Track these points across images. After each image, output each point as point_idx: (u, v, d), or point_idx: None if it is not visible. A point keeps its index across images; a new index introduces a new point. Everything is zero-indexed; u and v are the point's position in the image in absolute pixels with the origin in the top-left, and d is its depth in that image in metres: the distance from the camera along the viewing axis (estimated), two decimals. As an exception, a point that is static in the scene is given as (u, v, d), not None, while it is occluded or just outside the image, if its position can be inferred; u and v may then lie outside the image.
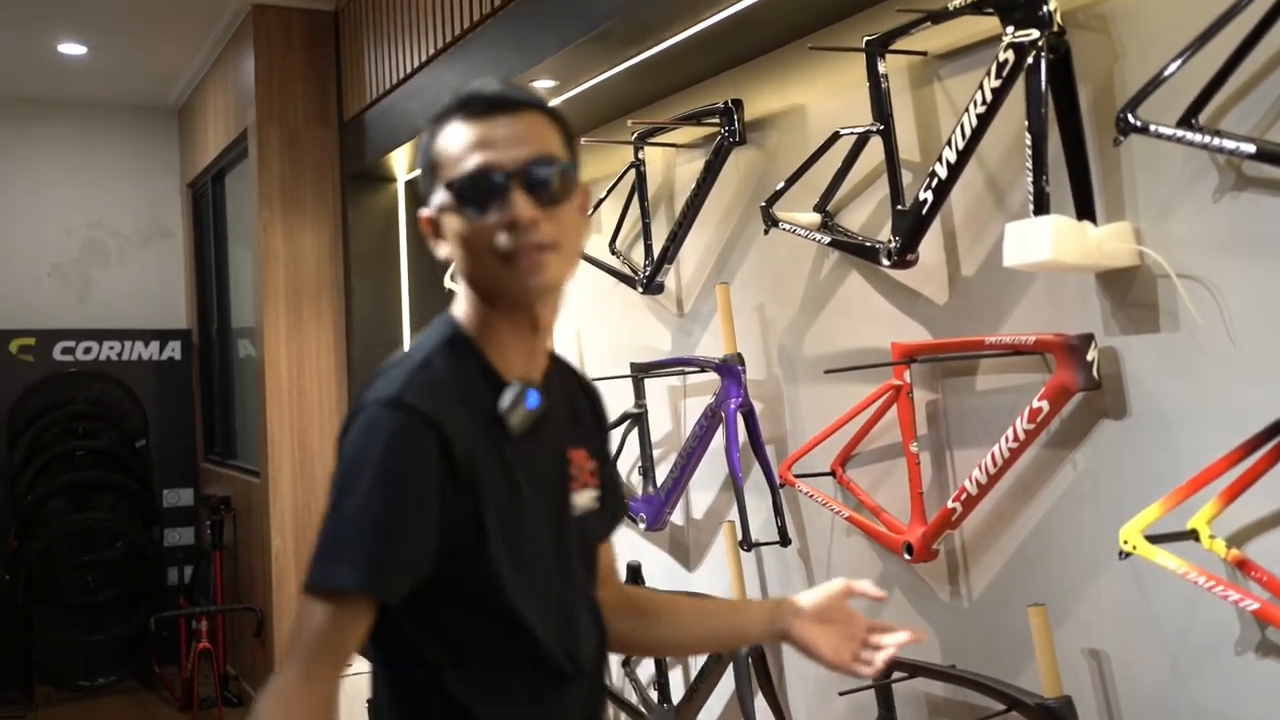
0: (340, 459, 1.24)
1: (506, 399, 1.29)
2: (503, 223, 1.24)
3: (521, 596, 1.27)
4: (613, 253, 3.35)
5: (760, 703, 2.66)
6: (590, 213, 3.31)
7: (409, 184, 4.65)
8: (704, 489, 3.04)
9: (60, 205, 6.20)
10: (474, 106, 1.28)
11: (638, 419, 3.22)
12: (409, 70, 3.88)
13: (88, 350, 5.99)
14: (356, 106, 4.51)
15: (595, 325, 3.58)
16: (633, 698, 3.29)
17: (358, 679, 1.38)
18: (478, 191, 1.25)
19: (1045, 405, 1.88)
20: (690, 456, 2.89)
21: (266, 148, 4.67)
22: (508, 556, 1.26)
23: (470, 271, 1.29)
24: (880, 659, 1.44)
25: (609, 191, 3.28)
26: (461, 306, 1.35)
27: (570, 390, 1.46)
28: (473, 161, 1.25)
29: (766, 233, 2.60)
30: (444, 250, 1.32)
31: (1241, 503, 1.65)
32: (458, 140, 1.27)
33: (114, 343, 6.04)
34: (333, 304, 4.76)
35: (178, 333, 6.23)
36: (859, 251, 2.34)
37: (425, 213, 1.33)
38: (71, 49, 5.24)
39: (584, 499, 1.40)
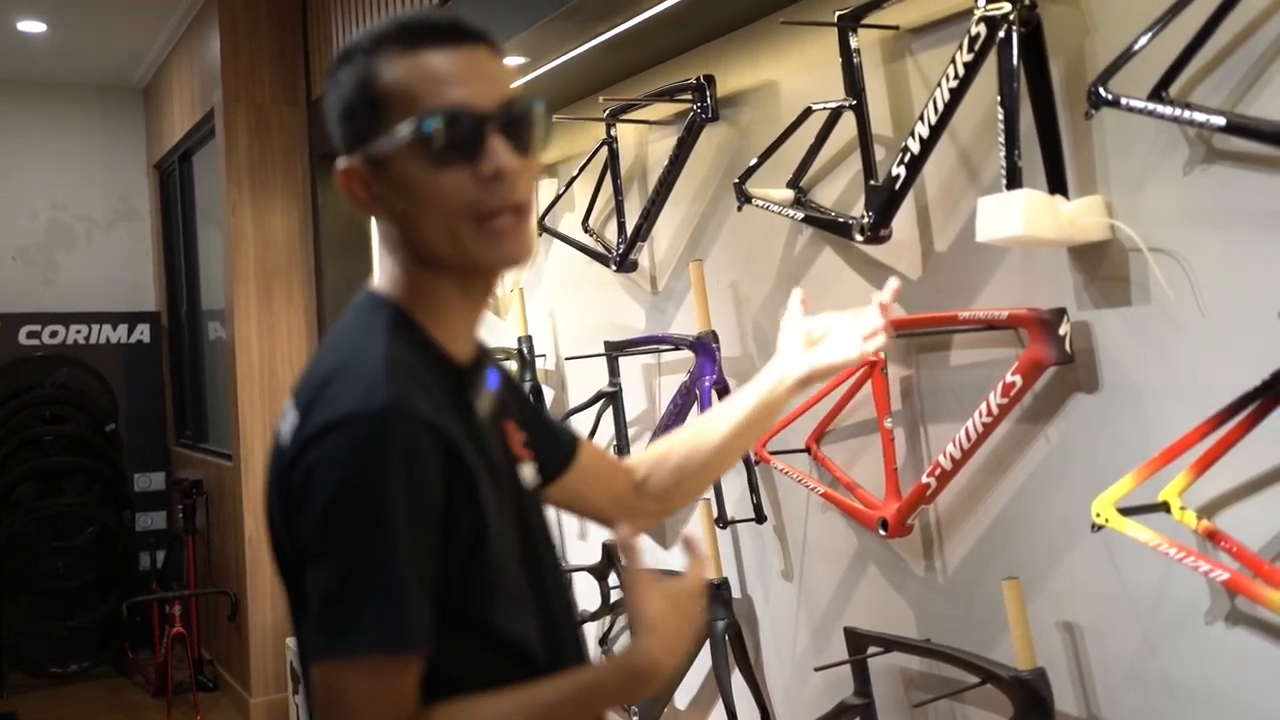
0: (332, 488, 1.00)
1: (472, 385, 1.13)
2: (481, 175, 1.06)
3: (513, 600, 1.13)
4: (585, 231, 3.33)
5: (737, 680, 2.67)
6: (563, 191, 3.23)
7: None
8: (679, 467, 3.04)
9: (23, 188, 6.11)
10: (423, 35, 1.07)
11: (612, 398, 3.21)
12: (377, 47, 3.84)
13: (54, 334, 5.92)
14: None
15: (568, 304, 3.56)
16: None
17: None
18: (452, 135, 1.05)
19: (1018, 380, 1.88)
20: (665, 434, 2.88)
21: (234, 127, 4.62)
22: (502, 559, 1.10)
23: (429, 234, 1.08)
24: (882, 317, 1.44)
25: (581, 169, 3.26)
26: (393, 280, 1.14)
27: None
28: (446, 98, 1.05)
29: (740, 209, 2.60)
30: (379, 210, 1.10)
31: (1212, 474, 1.66)
32: (415, 73, 1.06)
33: (81, 326, 5.98)
34: (303, 285, 4.72)
35: (146, 315, 6.17)
36: (832, 227, 2.33)
37: (348, 163, 1.10)
38: (30, 26, 5.15)
39: (527, 473, 1.23)
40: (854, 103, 2.23)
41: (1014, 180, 1.79)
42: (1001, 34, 1.80)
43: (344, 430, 1.00)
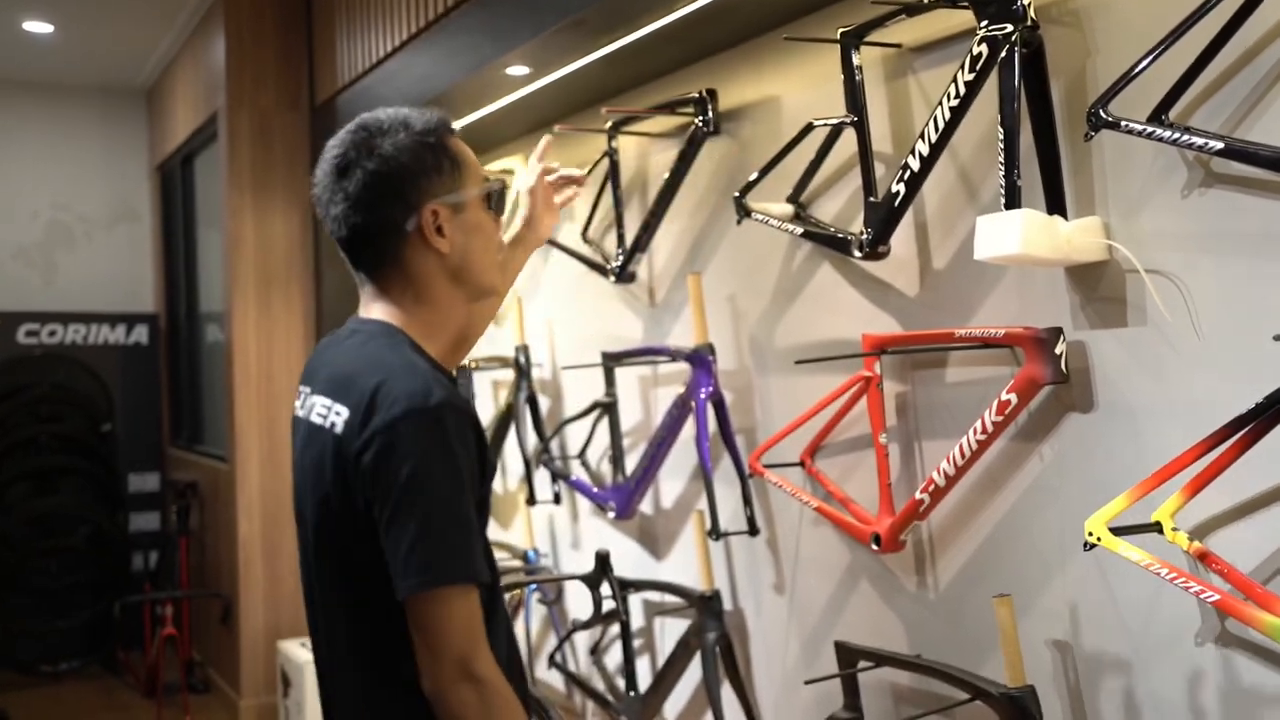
0: (411, 465, 1.34)
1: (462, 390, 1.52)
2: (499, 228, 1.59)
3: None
4: (585, 241, 3.34)
5: (727, 692, 2.67)
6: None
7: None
8: (673, 478, 3.05)
9: (25, 187, 6.11)
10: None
11: (608, 408, 3.21)
12: (381, 55, 3.85)
13: (52, 333, 5.92)
14: (328, 91, 4.47)
15: (566, 314, 3.57)
16: (600, 686, 3.30)
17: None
18: (503, 202, 1.57)
19: (1013, 398, 1.89)
20: (660, 446, 2.89)
21: (237, 132, 4.63)
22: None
23: (477, 266, 1.53)
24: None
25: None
26: (396, 315, 1.51)
27: None
28: (495, 176, 1.57)
29: (739, 223, 2.61)
30: (445, 245, 1.49)
31: (1204, 496, 1.67)
32: (470, 152, 1.54)
33: (79, 326, 5.97)
34: (302, 290, 4.73)
35: (145, 317, 6.17)
36: (831, 243, 2.34)
37: (436, 205, 1.49)
38: (37, 27, 5.16)
39: None
40: (855, 119, 2.24)
41: (1013, 200, 1.80)
42: (1003, 54, 1.81)
43: (413, 420, 1.35)
